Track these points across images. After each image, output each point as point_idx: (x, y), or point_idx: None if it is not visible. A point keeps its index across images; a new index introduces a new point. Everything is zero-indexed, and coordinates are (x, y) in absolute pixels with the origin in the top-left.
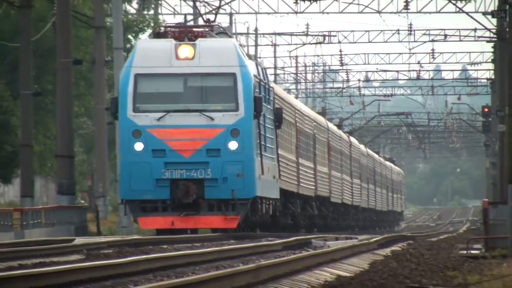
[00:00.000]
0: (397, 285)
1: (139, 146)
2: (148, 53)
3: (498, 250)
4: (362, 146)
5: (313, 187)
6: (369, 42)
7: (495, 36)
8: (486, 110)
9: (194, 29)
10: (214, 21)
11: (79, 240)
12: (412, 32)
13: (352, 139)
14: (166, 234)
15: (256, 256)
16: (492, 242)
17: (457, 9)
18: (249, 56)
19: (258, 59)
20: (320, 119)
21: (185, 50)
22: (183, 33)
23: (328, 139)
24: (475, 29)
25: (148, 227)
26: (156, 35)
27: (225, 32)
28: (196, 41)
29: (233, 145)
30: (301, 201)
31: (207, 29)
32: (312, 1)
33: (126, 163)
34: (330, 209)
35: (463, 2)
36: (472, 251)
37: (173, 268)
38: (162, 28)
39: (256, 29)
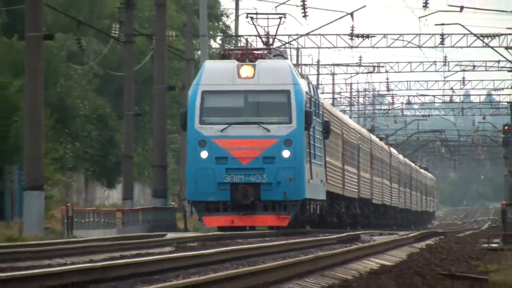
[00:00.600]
0: (430, 272)
1: (204, 154)
2: (214, 72)
3: None
4: (400, 156)
5: (357, 190)
6: (411, 71)
7: None
8: (506, 128)
9: (254, 52)
10: (272, 44)
11: (170, 235)
12: (447, 63)
13: (392, 150)
14: (226, 231)
15: (314, 248)
16: (509, 237)
17: (484, 44)
18: (302, 75)
19: (309, 78)
20: (364, 131)
21: (246, 70)
22: (245, 55)
23: (371, 149)
24: (498, 61)
25: (211, 224)
26: (221, 56)
27: (281, 54)
28: (255, 62)
29: (286, 153)
30: (346, 202)
31: (265, 52)
32: (364, 38)
33: (192, 169)
34: (371, 209)
35: (489, 38)
36: (492, 245)
37: (246, 258)
38: (226, 51)
39: (318, 61)
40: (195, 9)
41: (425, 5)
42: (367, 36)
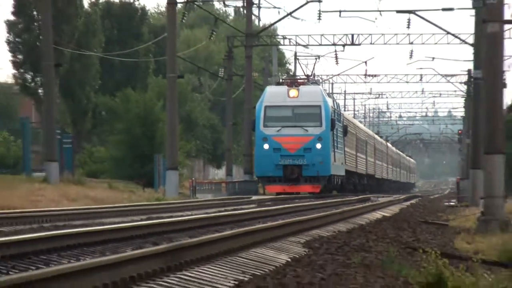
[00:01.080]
0: (413, 219)
1: (266, 146)
2: (272, 93)
3: (464, 202)
4: (394, 148)
5: (365, 169)
6: (401, 97)
7: None
8: (460, 132)
9: (298, 81)
10: (310, 76)
11: (254, 198)
12: (424, 92)
13: (389, 144)
14: (281, 195)
15: (342, 205)
16: (461, 198)
17: (447, 81)
18: (329, 95)
19: (334, 97)
20: (370, 132)
21: (293, 92)
22: (292, 83)
23: (374, 143)
24: (455, 91)
25: (271, 191)
26: (277, 83)
27: (315, 82)
28: (299, 87)
29: (318, 146)
30: (358, 176)
31: (305, 80)
32: (373, 76)
33: (259, 156)
34: (374, 181)
35: (450, 76)
36: (451, 203)
37: (300, 211)
38: (281, 80)
39: (345, 91)
40: (270, 59)
41: (411, 56)
42: (375, 75)
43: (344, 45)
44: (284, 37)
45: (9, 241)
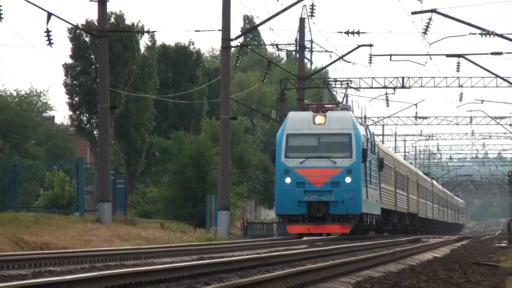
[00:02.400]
0: (464, 260)
1: (288, 180)
2: (295, 120)
3: None
4: (440, 186)
5: (406, 207)
6: (451, 139)
7: None
8: (510, 173)
9: (326, 105)
10: (339, 102)
11: (305, 238)
12: (473, 134)
13: (434, 181)
14: (305, 236)
15: (393, 246)
16: None
17: (496, 123)
18: (361, 123)
19: (367, 125)
20: (412, 167)
21: (319, 118)
22: (319, 108)
23: (417, 179)
24: (505, 133)
25: (293, 232)
26: (302, 109)
27: (346, 108)
28: (326, 112)
29: (348, 179)
30: (398, 215)
31: (334, 106)
32: (423, 119)
33: (279, 191)
34: (418, 221)
35: (500, 119)
36: (502, 244)
37: (351, 252)
38: (305, 105)
39: (395, 133)
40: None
41: (461, 99)
42: (425, 117)
43: (394, 88)
44: (335, 80)
45: (60, 281)
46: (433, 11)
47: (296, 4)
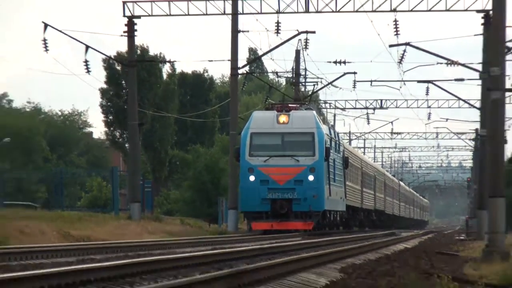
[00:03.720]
0: (430, 250)
1: (252, 178)
2: (260, 119)
3: (471, 237)
4: (407, 187)
5: (372, 204)
6: (421, 151)
7: None
8: (468, 179)
9: (290, 105)
10: (303, 102)
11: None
12: (439, 147)
13: (401, 182)
14: (269, 233)
15: (372, 239)
16: (469, 234)
17: (458, 137)
18: (324, 122)
19: (331, 125)
20: (380, 168)
21: (283, 117)
22: (282, 107)
23: (384, 179)
24: (465, 146)
25: (257, 228)
26: (266, 108)
27: (310, 108)
28: (290, 112)
29: (311, 177)
30: (364, 212)
31: (298, 105)
32: (397, 134)
33: (243, 189)
34: (385, 217)
35: (461, 134)
36: (461, 238)
37: (337, 243)
38: (270, 104)
39: (374, 146)
40: None
41: (429, 117)
42: (399, 133)
43: (374, 108)
44: (325, 102)
45: (100, 267)
46: (407, 44)
47: (293, 38)
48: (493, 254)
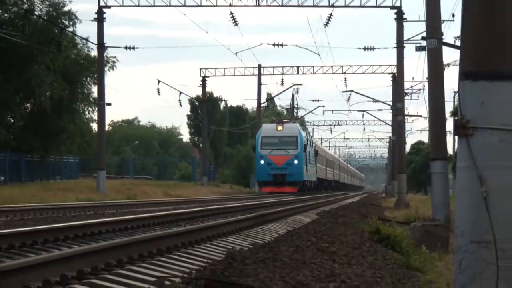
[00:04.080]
0: (365, 203)
1: (262, 162)
2: (266, 128)
3: (388, 196)
4: (352, 167)
5: (332, 177)
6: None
7: None
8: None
9: (284, 120)
10: (292, 118)
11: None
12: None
13: (349, 165)
14: (272, 194)
15: (335, 197)
16: (387, 194)
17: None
18: (303, 129)
19: (308, 131)
20: (337, 157)
21: (279, 127)
22: (280, 121)
23: (339, 163)
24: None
25: (265, 190)
26: (272, 121)
27: (295, 122)
28: (284, 124)
29: (296, 161)
30: (327, 181)
31: (289, 121)
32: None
33: (258, 168)
34: (341, 185)
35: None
36: (382, 196)
37: (315, 199)
38: (273, 120)
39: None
40: None
41: (364, 129)
42: (348, 138)
43: (335, 125)
44: (307, 122)
45: (187, 212)
46: (351, 91)
47: (290, 88)
48: (400, 205)
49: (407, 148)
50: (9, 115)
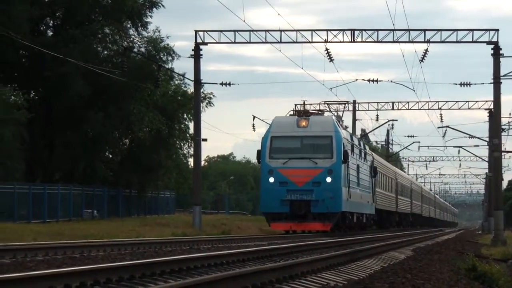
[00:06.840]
0: (461, 239)
1: (271, 180)
2: (280, 123)
3: (485, 232)
4: (441, 199)
5: (409, 208)
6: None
7: None
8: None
9: (310, 111)
10: (322, 110)
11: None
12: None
13: (436, 195)
14: (289, 234)
15: (429, 233)
16: (483, 231)
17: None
18: (343, 127)
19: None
20: (417, 182)
21: (302, 121)
22: (302, 112)
23: (421, 190)
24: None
25: (276, 229)
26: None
27: (330, 114)
28: (309, 116)
29: (328, 179)
30: (399, 215)
31: (319, 112)
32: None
33: (264, 190)
34: (423, 219)
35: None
36: (478, 233)
37: (409, 235)
38: (294, 111)
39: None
40: None
41: (460, 166)
42: (443, 174)
43: (430, 161)
44: (403, 158)
45: (282, 247)
46: (447, 126)
47: (385, 124)
48: (497, 242)
49: (504, 184)
50: (107, 151)
